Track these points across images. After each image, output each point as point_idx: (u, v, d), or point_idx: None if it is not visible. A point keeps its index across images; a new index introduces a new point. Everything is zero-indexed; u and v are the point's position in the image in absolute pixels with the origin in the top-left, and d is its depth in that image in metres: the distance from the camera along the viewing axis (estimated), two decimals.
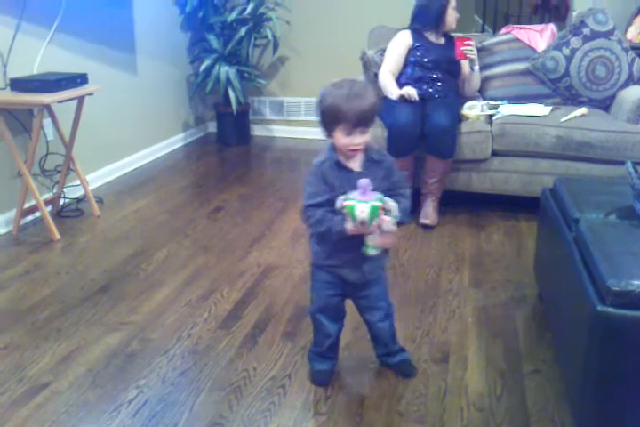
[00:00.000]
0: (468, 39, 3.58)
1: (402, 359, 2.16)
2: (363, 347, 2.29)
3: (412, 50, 3.65)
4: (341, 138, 1.80)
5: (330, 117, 1.80)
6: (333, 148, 1.88)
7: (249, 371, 2.16)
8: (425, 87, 3.58)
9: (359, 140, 1.80)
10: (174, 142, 5.17)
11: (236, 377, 2.13)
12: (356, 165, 1.88)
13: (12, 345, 2.32)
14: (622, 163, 3.28)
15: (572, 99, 3.83)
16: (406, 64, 3.66)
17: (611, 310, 1.61)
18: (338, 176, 1.86)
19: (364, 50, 3.91)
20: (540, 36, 3.99)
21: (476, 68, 3.74)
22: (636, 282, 1.61)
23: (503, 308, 2.58)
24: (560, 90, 3.84)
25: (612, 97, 3.75)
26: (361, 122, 1.77)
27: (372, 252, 1.83)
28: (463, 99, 3.76)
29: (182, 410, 1.96)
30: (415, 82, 3.61)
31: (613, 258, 1.76)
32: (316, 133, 5.65)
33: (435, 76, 3.60)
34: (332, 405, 1.99)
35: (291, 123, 5.50)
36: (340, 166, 1.87)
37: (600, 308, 1.62)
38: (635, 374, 1.63)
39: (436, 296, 2.65)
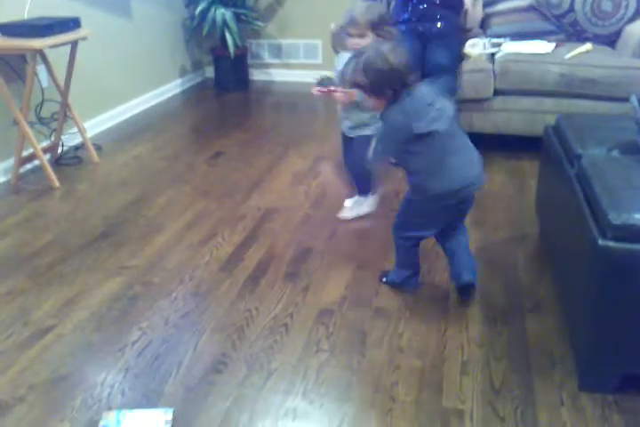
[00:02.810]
0: None
1: None
2: (364, 286, 2.31)
3: None
4: None
5: None
6: None
7: (251, 311, 2.18)
8: (428, 25, 3.50)
9: None
10: (172, 88, 5.09)
11: (239, 317, 2.15)
12: None
13: (15, 291, 2.34)
14: (627, 100, 3.23)
15: (577, 35, 3.74)
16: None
17: (611, 243, 1.60)
18: None
19: None
20: None
21: None
22: (636, 216, 1.60)
23: (504, 247, 2.58)
24: (564, 26, 3.75)
25: (618, 32, 3.66)
26: None
27: None
28: (466, 35, 3.67)
29: (186, 350, 1.99)
30: (417, 19, 3.52)
31: (615, 192, 1.74)
32: (316, 77, 5.53)
33: (437, 15, 3.51)
34: (333, 342, 2.01)
35: (290, 66, 5.39)
36: None
37: (601, 242, 1.61)
38: (635, 307, 1.63)
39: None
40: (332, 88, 2.43)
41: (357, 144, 2.61)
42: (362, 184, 2.81)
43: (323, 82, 2.45)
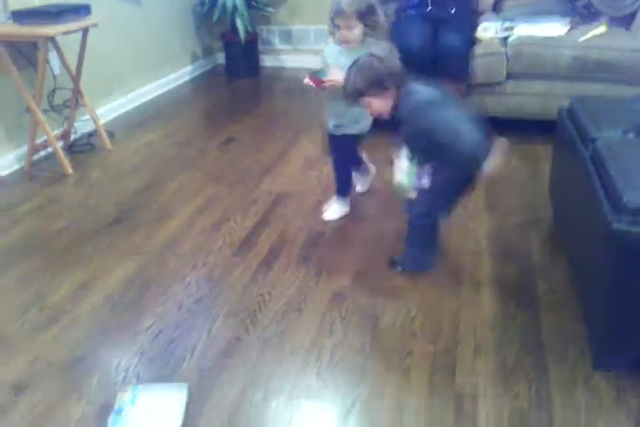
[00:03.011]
0: None
1: None
2: (376, 270, 2.32)
3: None
4: None
5: None
6: None
7: (264, 296, 2.19)
8: (439, 9, 3.47)
9: None
10: (183, 75, 5.08)
11: (252, 302, 2.16)
12: None
13: (30, 276, 2.35)
14: None
15: (591, 17, 3.68)
16: None
17: (626, 227, 1.58)
18: None
19: None
20: None
21: None
22: None
23: (518, 231, 2.57)
24: (578, 8, 3.70)
25: (634, 14, 3.60)
26: None
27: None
28: (478, 18, 3.63)
29: (200, 334, 2.00)
30: (429, 4, 3.49)
31: (630, 175, 1.72)
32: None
33: None
34: (346, 326, 2.01)
35: (300, 52, 5.37)
36: None
37: (616, 225, 1.60)
38: None
39: (451, 220, 2.63)
40: (324, 79, 2.36)
41: (340, 143, 2.58)
42: (344, 184, 2.72)
43: (315, 73, 2.40)
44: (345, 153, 2.63)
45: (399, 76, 2.00)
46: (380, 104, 2.03)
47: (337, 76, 2.25)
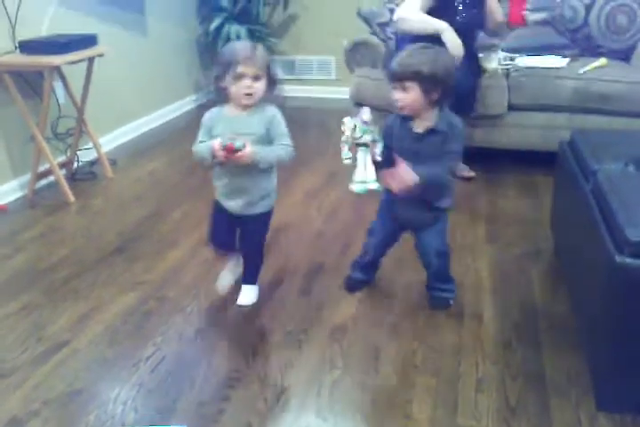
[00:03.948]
0: None
1: None
2: (377, 302, 2.31)
3: None
4: None
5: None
6: None
7: (265, 327, 2.17)
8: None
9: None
10: (187, 104, 5.14)
11: (252, 333, 2.14)
12: None
13: (30, 305, 2.34)
14: None
15: (592, 50, 3.73)
16: None
17: (629, 260, 1.58)
18: None
19: (359, 6, 3.83)
20: None
21: None
22: None
23: (518, 262, 2.56)
24: (579, 41, 3.75)
25: (633, 47, 3.65)
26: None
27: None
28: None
29: (199, 366, 1.98)
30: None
31: (632, 208, 1.72)
32: (329, 92, 5.52)
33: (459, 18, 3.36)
34: (347, 359, 1.99)
35: (303, 82, 5.42)
36: None
37: (618, 258, 1.59)
38: None
39: (451, 251, 2.63)
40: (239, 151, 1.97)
41: (254, 223, 2.25)
42: (258, 269, 2.34)
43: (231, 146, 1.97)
44: (259, 236, 2.29)
45: (450, 90, 1.92)
46: (416, 99, 1.88)
47: (249, 148, 1.98)
